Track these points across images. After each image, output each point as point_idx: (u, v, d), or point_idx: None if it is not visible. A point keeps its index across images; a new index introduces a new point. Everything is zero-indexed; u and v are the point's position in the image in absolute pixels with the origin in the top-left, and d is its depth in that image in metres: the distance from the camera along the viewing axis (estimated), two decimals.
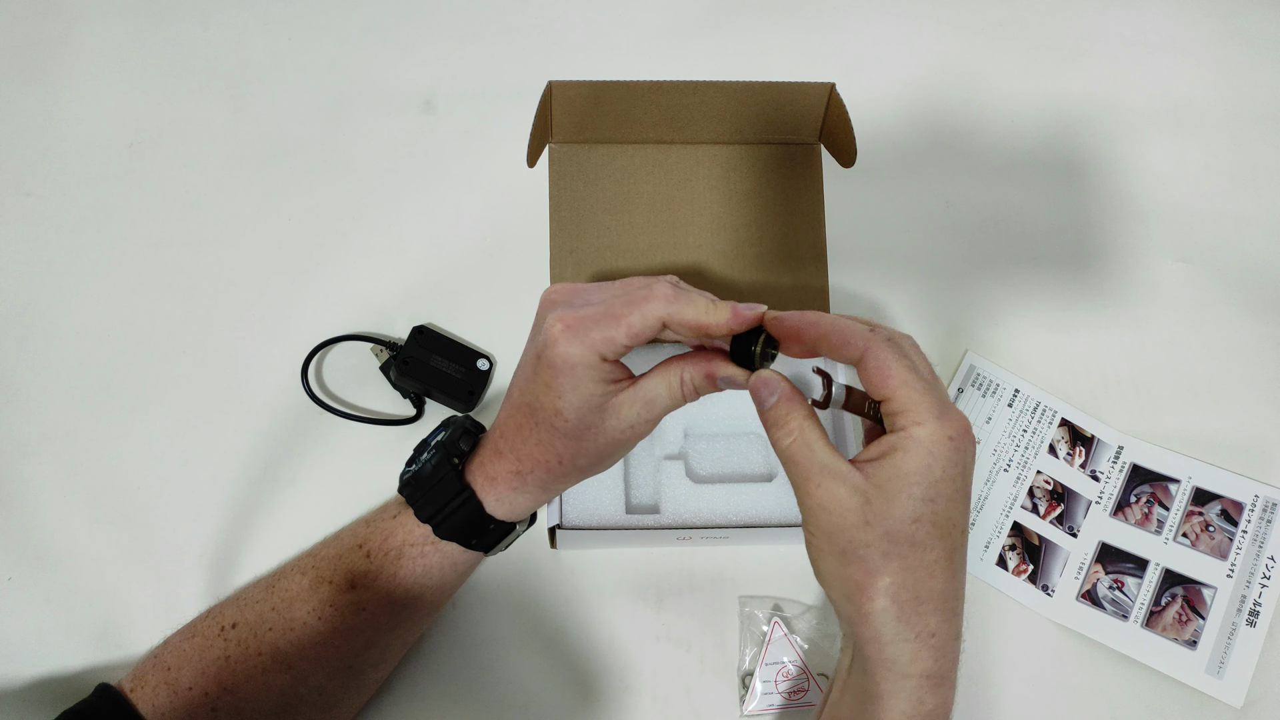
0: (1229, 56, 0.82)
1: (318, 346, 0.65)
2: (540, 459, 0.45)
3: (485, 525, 0.48)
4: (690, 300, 0.41)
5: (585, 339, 0.41)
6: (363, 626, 0.48)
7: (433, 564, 0.49)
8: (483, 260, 0.70)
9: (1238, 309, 0.71)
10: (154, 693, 0.47)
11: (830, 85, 0.59)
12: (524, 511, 0.49)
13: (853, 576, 0.39)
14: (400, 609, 0.49)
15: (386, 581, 0.48)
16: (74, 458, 0.62)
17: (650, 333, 0.41)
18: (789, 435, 0.40)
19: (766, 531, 0.57)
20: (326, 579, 0.49)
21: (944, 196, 0.75)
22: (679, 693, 0.57)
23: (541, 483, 0.47)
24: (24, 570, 0.58)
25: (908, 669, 0.39)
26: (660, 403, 0.44)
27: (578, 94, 0.58)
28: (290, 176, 0.72)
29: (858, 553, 0.38)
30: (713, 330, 0.41)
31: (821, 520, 0.39)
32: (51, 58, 0.76)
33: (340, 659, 0.49)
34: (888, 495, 0.38)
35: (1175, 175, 0.76)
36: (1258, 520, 0.63)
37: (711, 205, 0.62)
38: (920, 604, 0.38)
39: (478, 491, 0.47)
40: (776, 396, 0.41)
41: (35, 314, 0.66)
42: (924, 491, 0.38)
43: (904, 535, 0.38)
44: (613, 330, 0.41)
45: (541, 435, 0.45)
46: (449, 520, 0.48)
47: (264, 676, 0.47)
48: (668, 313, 0.40)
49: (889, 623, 0.38)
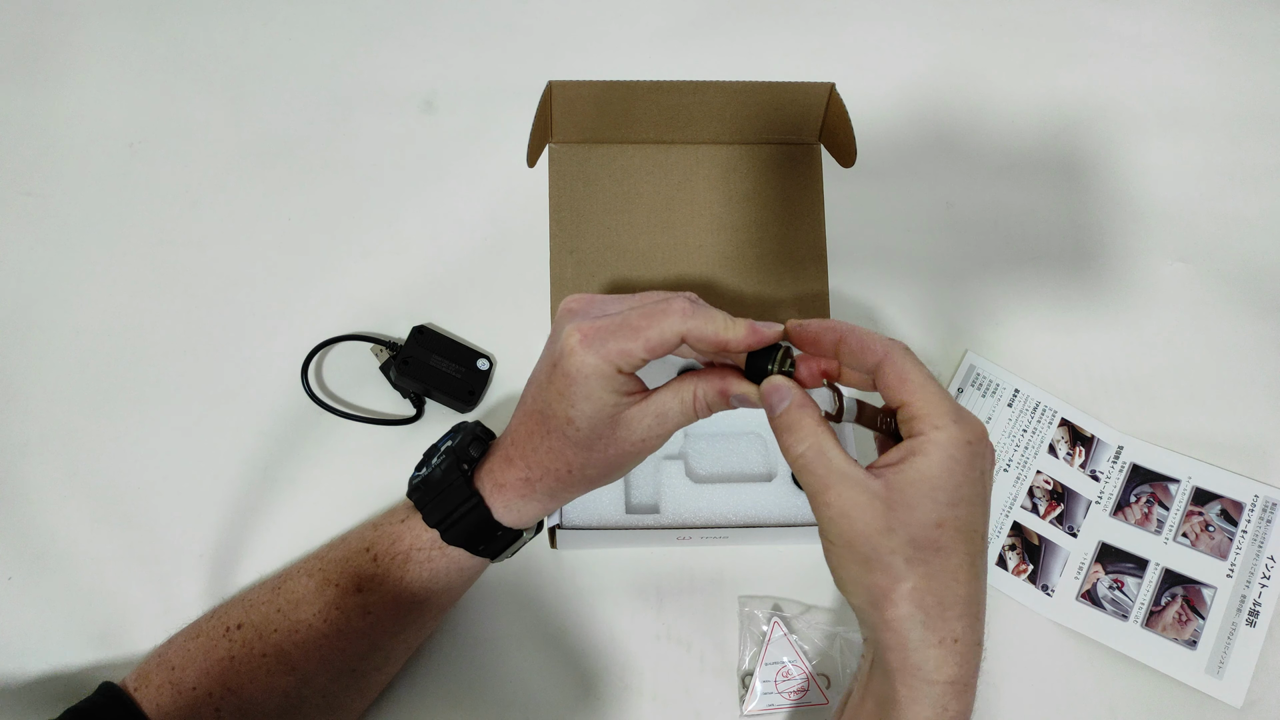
0: (1229, 56, 0.82)
1: (318, 346, 0.65)
2: (550, 467, 0.45)
3: (492, 532, 0.48)
4: (709, 316, 0.41)
5: (602, 350, 0.41)
6: (368, 630, 0.48)
7: (439, 569, 0.49)
8: (483, 260, 0.70)
9: (1238, 309, 0.71)
10: (158, 692, 0.47)
11: (830, 85, 0.59)
12: (531, 519, 0.49)
13: (876, 583, 0.38)
14: (406, 613, 0.49)
15: (393, 585, 0.48)
16: (74, 458, 0.62)
17: (667, 348, 0.41)
18: (802, 442, 0.40)
19: (766, 531, 0.57)
20: (333, 581, 0.49)
21: (944, 196, 0.75)
22: (679, 693, 0.57)
23: (550, 491, 0.47)
24: (24, 570, 0.58)
25: (932, 675, 0.38)
26: (672, 417, 0.44)
27: (578, 94, 0.58)
28: (290, 176, 0.72)
29: (881, 559, 0.38)
30: (730, 346, 0.41)
31: (842, 528, 0.38)
32: (52, 57, 0.76)
33: (344, 661, 0.49)
34: (909, 501, 0.38)
35: (1175, 175, 0.76)
36: (1258, 520, 0.63)
37: (711, 205, 0.62)
38: (945, 609, 0.38)
39: (486, 498, 0.47)
40: (788, 402, 0.41)
41: (35, 314, 0.66)
42: (947, 496, 0.38)
43: (928, 540, 0.38)
44: (630, 343, 0.41)
45: (553, 444, 0.45)
46: (456, 525, 0.48)
47: (268, 678, 0.47)
48: (686, 328, 0.40)
49: (914, 629, 0.38)
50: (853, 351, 0.41)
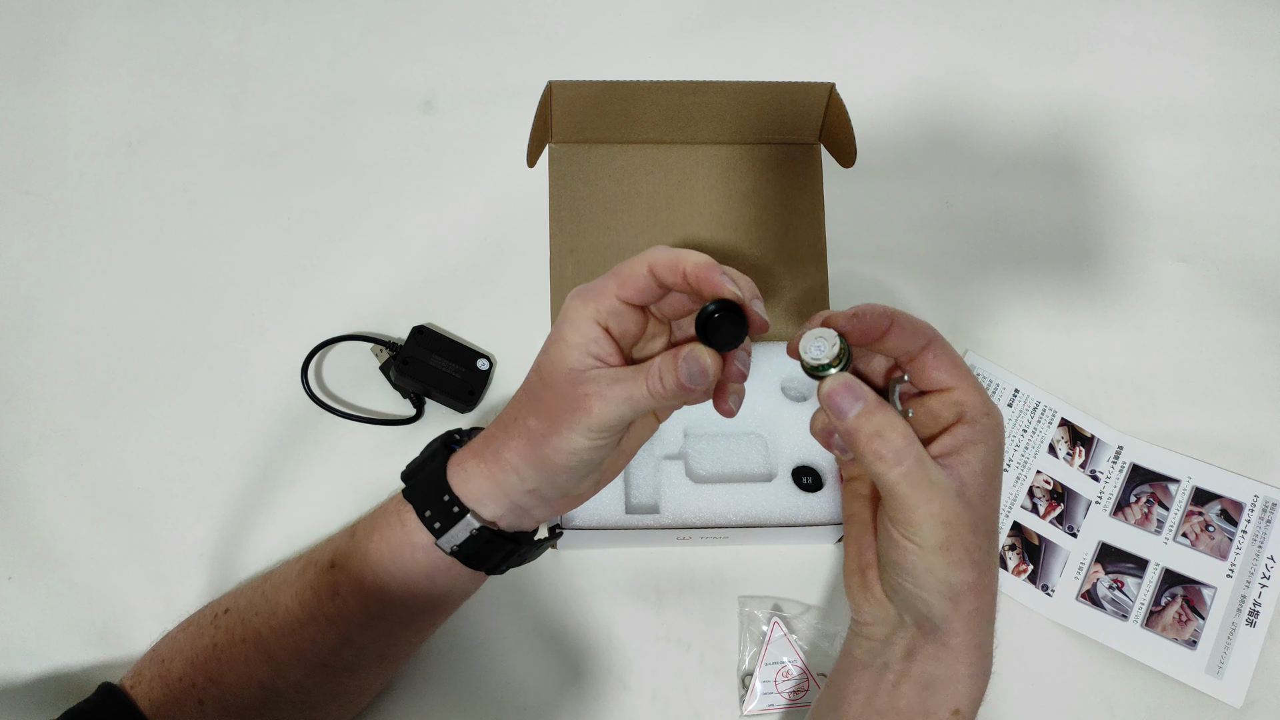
0: (1229, 56, 0.82)
1: (318, 346, 0.65)
2: (503, 418, 0.45)
3: (439, 489, 0.45)
4: (676, 249, 0.40)
5: (585, 296, 0.41)
6: (335, 615, 0.47)
7: (396, 540, 0.46)
8: (483, 260, 0.70)
9: (1238, 309, 0.71)
10: (149, 687, 0.47)
11: (830, 85, 0.59)
12: (475, 488, 0.45)
13: (964, 579, 0.39)
14: (371, 599, 0.47)
15: (359, 561, 0.46)
16: (74, 458, 0.62)
17: (638, 285, 0.40)
18: (901, 456, 0.38)
19: (766, 531, 0.57)
20: (314, 560, 0.49)
21: (944, 196, 0.75)
22: (679, 693, 0.57)
23: (494, 448, 0.44)
24: (24, 570, 0.58)
25: (988, 647, 0.42)
26: (625, 389, 0.40)
27: (578, 94, 0.58)
28: (290, 176, 0.72)
29: (971, 557, 0.38)
30: (689, 275, 0.39)
31: (942, 536, 0.38)
32: (51, 56, 0.76)
33: (316, 653, 0.47)
34: (980, 493, 0.39)
35: (1175, 175, 0.76)
36: (1258, 520, 0.63)
37: (711, 205, 0.62)
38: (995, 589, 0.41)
39: (450, 461, 0.46)
40: (862, 405, 0.39)
41: (35, 313, 0.66)
42: (998, 481, 0.40)
43: (993, 528, 0.40)
44: (606, 280, 0.41)
45: (517, 396, 0.45)
46: (416, 478, 0.47)
47: (246, 667, 0.47)
48: (652, 258, 0.40)
49: (989, 614, 0.41)
50: (905, 335, 0.39)
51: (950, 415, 0.40)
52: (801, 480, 0.59)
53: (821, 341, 0.40)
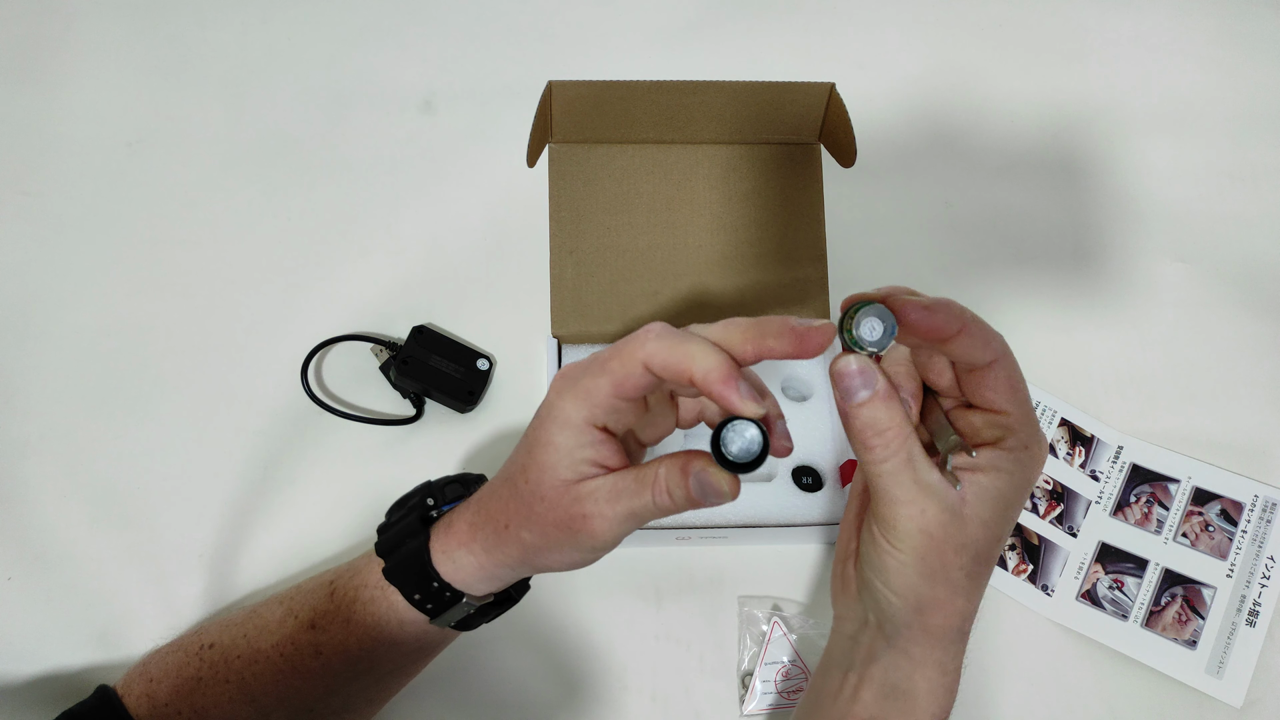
0: (1229, 56, 0.82)
1: (317, 346, 0.65)
2: (492, 515, 0.42)
3: (428, 579, 0.43)
4: (678, 339, 0.35)
5: (572, 391, 0.37)
6: (320, 671, 0.46)
7: (381, 615, 0.45)
8: (483, 260, 0.70)
9: (1238, 309, 0.71)
10: (137, 702, 0.47)
11: (830, 85, 0.59)
12: (466, 575, 0.43)
13: (935, 595, 0.38)
14: (355, 662, 0.46)
15: (340, 627, 0.46)
16: (74, 458, 0.62)
17: (634, 382, 0.36)
18: (891, 451, 0.36)
19: (766, 531, 0.57)
20: (294, 613, 0.47)
21: (944, 196, 0.75)
22: (678, 692, 0.57)
23: (486, 546, 0.42)
24: (24, 570, 0.58)
25: (951, 667, 0.40)
26: (629, 498, 0.37)
27: (578, 94, 0.58)
28: (289, 176, 0.72)
29: (948, 574, 0.37)
30: (696, 381, 0.34)
31: (918, 543, 0.36)
32: (50, 56, 0.76)
33: (301, 701, 0.47)
34: (985, 517, 0.37)
35: (1175, 175, 0.76)
36: (1257, 520, 0.63)
37: (711, 205, 0.62)
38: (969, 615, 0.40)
39: (432, 539, 0.44)
40: (871, 392, 0.36)
41: (35, 314, 0.66)
42: (1015, 512, 0.38)
43: (989, 556, 0.38)
44: (597, 378, 0.36)
45: (504, 492, 0.41)
46: (397, 558, 0.44)
47: (230, 705, 0.46)
48: (646, 351, 0.35)
49: (956, 635, 0.39)
50: (973, 344, 0.36)
51: (990, 435, 0.38)
52: (801, 480, 0.59)
53: (878, 323, 0.35)
